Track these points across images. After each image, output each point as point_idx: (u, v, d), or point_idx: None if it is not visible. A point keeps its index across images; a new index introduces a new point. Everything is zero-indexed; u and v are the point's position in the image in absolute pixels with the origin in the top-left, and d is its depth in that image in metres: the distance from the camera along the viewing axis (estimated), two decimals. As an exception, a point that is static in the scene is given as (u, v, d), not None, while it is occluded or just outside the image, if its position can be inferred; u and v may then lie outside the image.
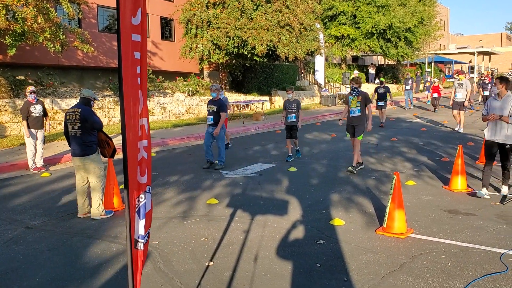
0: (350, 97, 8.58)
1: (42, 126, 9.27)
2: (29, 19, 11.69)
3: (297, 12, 18.48)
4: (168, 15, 20.10)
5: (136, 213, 2.81)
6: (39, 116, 9.14)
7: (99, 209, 6.10)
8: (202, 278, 4.22)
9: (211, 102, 9.13)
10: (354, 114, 8.45)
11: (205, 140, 9.19)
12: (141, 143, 2.83)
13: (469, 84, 13.89)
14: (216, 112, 9.02)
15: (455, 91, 13.83)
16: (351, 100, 8.53)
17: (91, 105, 6.22)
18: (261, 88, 22.67)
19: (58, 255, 4.85)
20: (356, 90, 8.49)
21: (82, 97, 6.17)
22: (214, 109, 9.04)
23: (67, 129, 6.13)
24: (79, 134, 5.99)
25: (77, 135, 6.00)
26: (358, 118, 8.45)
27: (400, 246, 4.92)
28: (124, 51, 2.54)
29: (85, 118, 5.95)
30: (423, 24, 29.63)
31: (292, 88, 9.96)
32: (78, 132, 5.99)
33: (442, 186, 7.47)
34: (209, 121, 9.10)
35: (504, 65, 57.58)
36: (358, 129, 8.47)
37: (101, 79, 18.64)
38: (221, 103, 9.10)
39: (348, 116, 8.62)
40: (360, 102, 8.40)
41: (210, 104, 9.14)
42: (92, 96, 6.21)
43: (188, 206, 6.60)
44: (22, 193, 7.54)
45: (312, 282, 4.08)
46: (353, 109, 8.48)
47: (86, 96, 6.16)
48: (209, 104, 9.16)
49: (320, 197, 6.91)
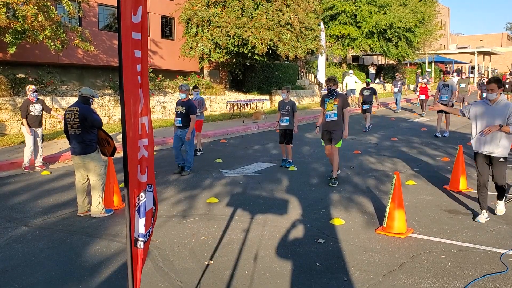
0: (326, 100, 7.77)
1: (41, 125, 9.25)
2: (29, 17, 11.68)
3: (297, 11, 18.46)
4: (168, 14, 20.08)
5: (136, 211, 2.81)
6: (39, 115, 9.12)
7: (99, 208, 6.10)
8: (202, 277, 4.22)
9: (180, 103, 8.65)
10: (331, 118, 7.62)
11: (174, 144, 8.72)
12: (141, 142, 2.83)
13: (454, 85, 12.84)
14: (185, 114, 8.50)
15: (439, 92, 12.73)
16: (327, 103, 7.73)
17: (90, 103, 6.21)
18: (261, 87, 22.67)
19: (57, 253, 4.85)
20: (333, 92, 7.68)
21: (80, 95, 6.17)
22: (183, 111, 8.52)
23: (67, 128, 6.13)
24: (79, 132, 5.99)
25: (76, 134, 6.00)
26: (335, 123, 7.63)
27: (400, 246, 4.91)
28: (125, 50, 2.54)
29: (84, 117, 5.94)
30: (424, 24, 29.61)
31: (288, 88, 9.14)
32: (77, 131, 5.99)
33: (442, 186, 7.47)
34: (177, 123, 8.61)
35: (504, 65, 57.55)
36: (335, 135, 7.65)
37: (102, 77, 18.63)
38: (190, 105, 8.57)
39: (324, 120, 7.84)
40: (337, 105, 7.59)
41: (178, 105, 8.64)
42: (90, 94, 6.21)
43: (188, 205, 6.60)
44: (22, 191, 7.54)
45: (312, 281, 4.08)
46: (329, 112, 7.66)
47: (84, 95, 6.16)
48: (178, 105, 8.66)
49: (320, 197, 6.91)
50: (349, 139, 12.66)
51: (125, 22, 2.54)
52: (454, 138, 12.49)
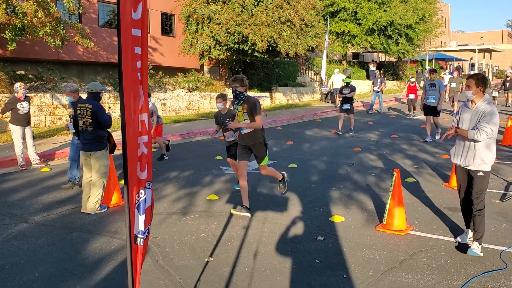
0: (235, 107, 6.01)
1: (29, 123, 9.18)
2: (29, 13, 11.65)
3: (298, 8, 18.41)
4: (168, 11, 20.04)
5: (136, 208, 2.81)
6: (26, 113, 9.03)
7: (96, 205, 6.10)
8: (202, 273, 4.23)
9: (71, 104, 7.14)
10: (245, 130, 5.88)
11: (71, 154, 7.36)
12: (141, 139, 2.83)
13: (442, 85, 11.59)
14: None
15: (425, 93, 11.49)
16: (236, 111, 6.04)
17: (101, 98, 6.23)
18: (262, 84, 22.65)
19: (57, 250, 4.86)
20: (239, 96, 5.78)
21: (90, 92, 6.15)
22: None
23: (77, 123, 6.14)
24: (90, 129, 6.02)
25: (88, 131, 6.03)
26: (251, 135, 5.87)
27: (399, 243, 4.92)
28: (124, 46, 2.53)
29: (96, 115, 5.96)
30: (424, 21, 29.55)
31: (223, 96, 7.00)
32: (89, 128, 6.02)
33: (442, 183, 7.47)
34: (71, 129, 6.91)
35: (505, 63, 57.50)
36: (257, 150, 5.93)
37: (101, 74, 18.60)
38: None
39: (239, 133, 6.05)
40: (247, 113, 5.79)
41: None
42: (99, 88, 6.22)
43: (188, 202, 6.61)
44: (22, 188, 7.54)
45: (311, 279, 4.09)
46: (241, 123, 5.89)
47: (94, 90, 6.16)
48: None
49: (320, 194, 6.91)
50: (349, 137, 12.66)
51: (125, 18, 2.53)
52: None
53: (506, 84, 20.51)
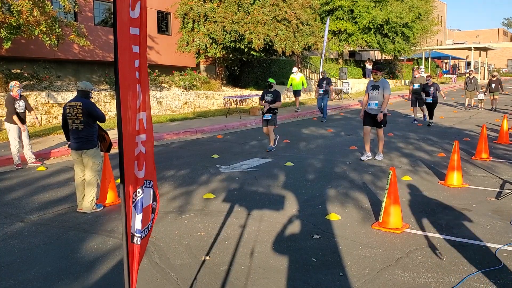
0: None
1: (25, 122, 9.16)
2: (24, 12, 11.59)
3: (294, 7, 18.42)
4: (164, 9, 19.99)
5: (133, 207, 2.81)
6: (23, 112, 9.02)
7: (91, 204, 6.08)
8: (198, 272, 4.23)
9: None
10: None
11: None
12: (139, 138, 2.82)
13: (388, 86, 8.99)
14: None
15: (368, 97, 9.12)
16: None
17: (90, 97, 6.20)
18: (258, 83, 22.65)
19: (53, 249, 4.85)
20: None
21: (80, 90, 6.13)
22: None
23: (66, 123, 6.10)
24: (81, 128, 5.97)
25: (79, 129, 5.98)
26: None
27: (395, 241, 4.94)
28: (121, 45, 2.52)
29: (89, 112, 5.93)
30: (420, 19, 29.63)
31: None
32: (80, 126, 5.97)
33: (438, 181, 7.50)
34: None
35: (500, 61, 57.72)
36: None
37: (97, 73, 18.55)
38: None
39: None
40: None
41: None
42: (90, 88, 6.19)
43: (184, 200, 6.60)
44: (18, 187, 7.52)
45: (308, 277, 4.10)
46: None
47: (85, 89, 6.12)
48: None
49: (316, 192, 6.93)
50: (345, 135, 12.68)
51: (122, 17, 2.53)
52: (451, 134, 12.53)
53: (491, 85, 18.68)
